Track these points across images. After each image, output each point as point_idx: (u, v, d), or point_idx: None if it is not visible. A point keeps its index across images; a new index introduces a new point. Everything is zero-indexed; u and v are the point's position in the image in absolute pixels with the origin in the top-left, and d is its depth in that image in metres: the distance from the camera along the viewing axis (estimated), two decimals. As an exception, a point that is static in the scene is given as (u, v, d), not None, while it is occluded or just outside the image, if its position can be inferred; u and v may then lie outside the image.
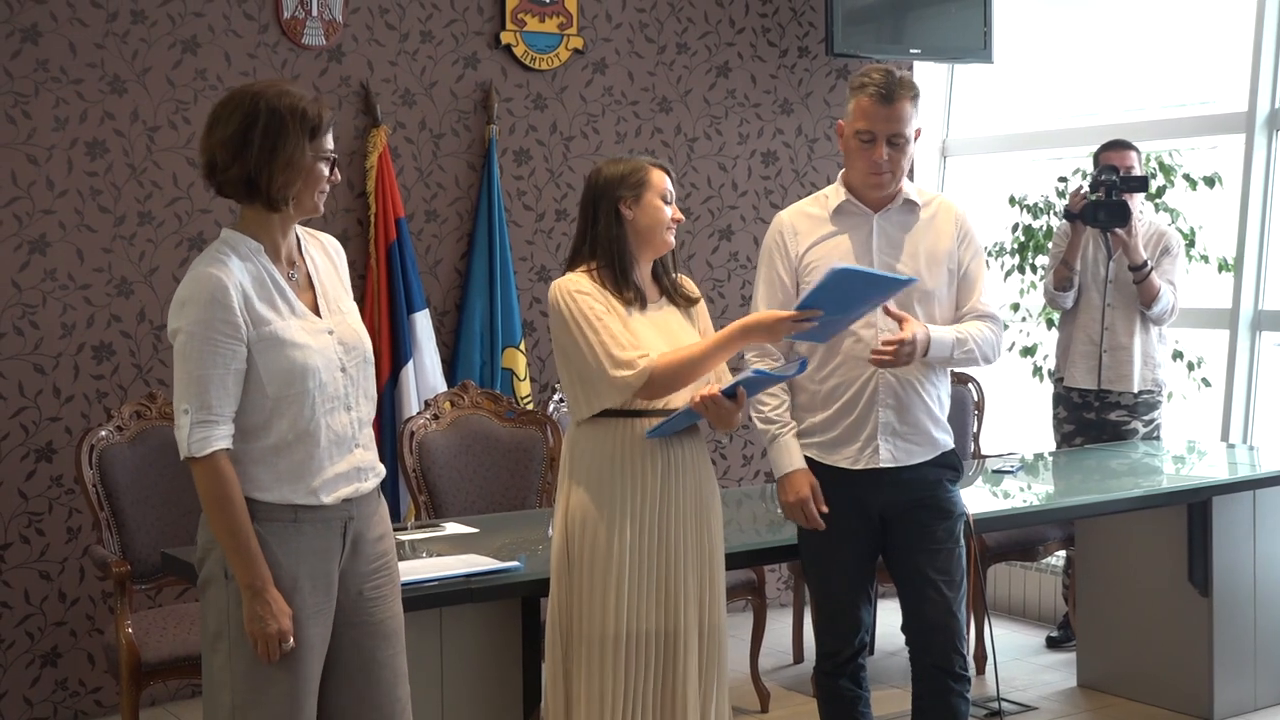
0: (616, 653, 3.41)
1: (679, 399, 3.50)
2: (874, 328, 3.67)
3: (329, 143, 3.02)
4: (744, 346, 3.55)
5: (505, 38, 6.02)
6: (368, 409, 3.12)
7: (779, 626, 5.90)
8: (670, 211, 3.56)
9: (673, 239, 3.59)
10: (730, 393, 3.42)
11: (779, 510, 3.84)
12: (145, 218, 5.33)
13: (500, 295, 5.87)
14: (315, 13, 5.61)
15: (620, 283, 3.51)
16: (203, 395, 2.89)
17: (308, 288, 3.07)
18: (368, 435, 3.11)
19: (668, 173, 3.62)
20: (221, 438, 2.91)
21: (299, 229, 3.12)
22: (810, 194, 3.97)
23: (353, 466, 3.05)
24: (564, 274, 3.58)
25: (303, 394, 2.96)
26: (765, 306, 3.73)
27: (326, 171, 3.02)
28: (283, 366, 2.94)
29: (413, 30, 5.85)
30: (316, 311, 3.05)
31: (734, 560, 4.04)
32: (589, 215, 3.58)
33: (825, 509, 3.69)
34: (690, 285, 3.72)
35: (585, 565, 3.45)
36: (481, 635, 3.45)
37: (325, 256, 3.16)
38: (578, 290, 3.48)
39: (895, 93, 3.64)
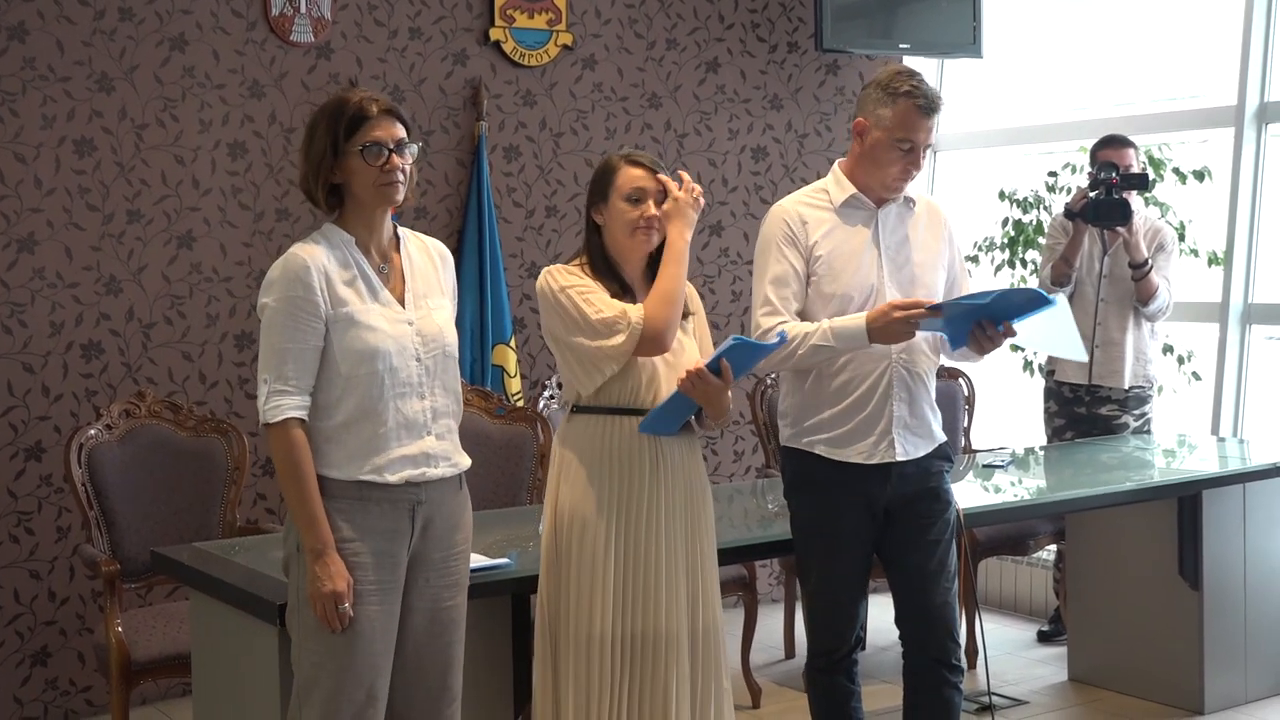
0: (603, 653, 3.39)
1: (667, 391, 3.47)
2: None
3: (370, 133, 3.12)
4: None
5: (494, 34, 6.02)
6: (445, 401, 3.25)
7: (770, 622, 5.89)
8: (640, 211, 3.42)
9: (652, 238, 3.44)
10: (715, 368, 3.38)
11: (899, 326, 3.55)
12: (134, 216, 5.32)
13: (490, 292, 5.86)
14: (304, 10, 5.60)
15: (604, 280, 3.48)
16: (280, 366, 3.09)
17: (399, 281, 3.23)
18: (444, 426, 3.24)
19: (643, 165, 3.47)
20: (294, 407, 3.08)
21: (407, 232, 3.33)
22: (799, 188, 3.95)
23: (422, 452, 3.19)
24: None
25: (371, 375, 3.11)
26: (775, 295, 3.66)
27: (377, 161, 3.12)
28: (355, 347, 3.11)
29: (401, 27, 5.84)
30: (403, 303, 3.20)
31: (725, 556, 4.02)
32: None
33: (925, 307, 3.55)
34: (689, 300, 3.58)
35: (573, 564, 3.43)
36: (471, 632, 3.45)
37: (426, 257, 3.32)
38: (560, 273, 3.49)
39: (937, 104, 3.65)
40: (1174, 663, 5.09)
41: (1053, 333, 3.74)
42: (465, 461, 3.31)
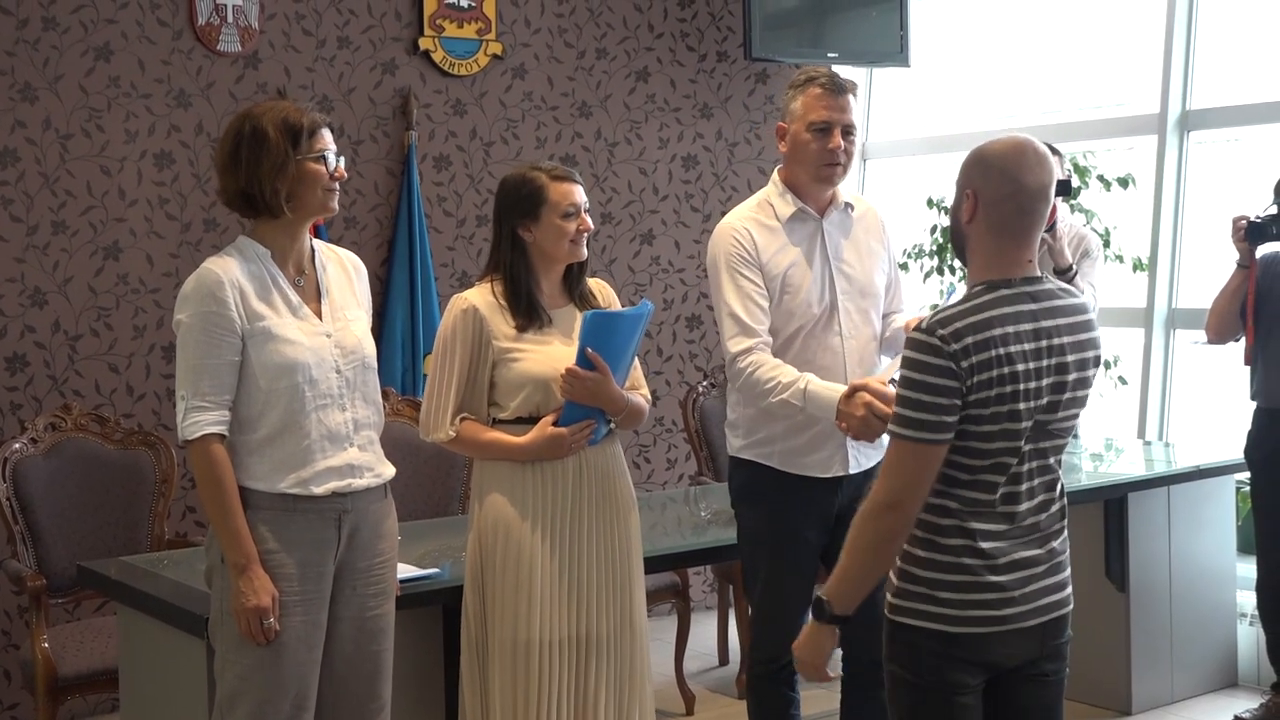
0: (530, 659, 3.41)
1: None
2: (838, 335, 3.69)
3: (321, 143, 3.16)
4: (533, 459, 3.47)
5: (424, 43, 6.00)
6: (366, 412, 3.26)
7: (703, 629, 5.91)
8: (576, 224, 3.51)
9: (583, 250, 3.55)
10: (584, 363, 3.40)
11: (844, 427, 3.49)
12: (59, 227, 5.26)
13: (421, 302, 5.85)
14: (231, 19, 5.56)
15: (515, 303, 3.50)
16: (197, 383, 3.08)
17: (314, 294, 3.24)
18: (367, 437, 3.25)
19: (570, 180, 3.54)
20: (212, 423, 3.08)
21: (321, 244, 3.31)
22: (730, 197, 3.98)
23: (346, 463, 3.19)
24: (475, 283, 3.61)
25: (292, 388, 3.12)
26: (745, 314, 3.61)
27: (325, 170, 3.15)
28: (274, 360, 3.11)
29: (330, 36, 5.81)
30: (320, 315, 3.20)
31: (658, 563, 4.05)
32: (496, 230, 3.58)
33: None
34: (600, 295, 3.66)
35: (499, 572, 3.45)
36: (403, 643, 3.44)
37: (341, 270, 3.32)
38: (458, 314, 3.50)
39: (844, 84, 3.70)
40: (1102, 664, 5.14)
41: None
42: (389, 471, 3.32)
